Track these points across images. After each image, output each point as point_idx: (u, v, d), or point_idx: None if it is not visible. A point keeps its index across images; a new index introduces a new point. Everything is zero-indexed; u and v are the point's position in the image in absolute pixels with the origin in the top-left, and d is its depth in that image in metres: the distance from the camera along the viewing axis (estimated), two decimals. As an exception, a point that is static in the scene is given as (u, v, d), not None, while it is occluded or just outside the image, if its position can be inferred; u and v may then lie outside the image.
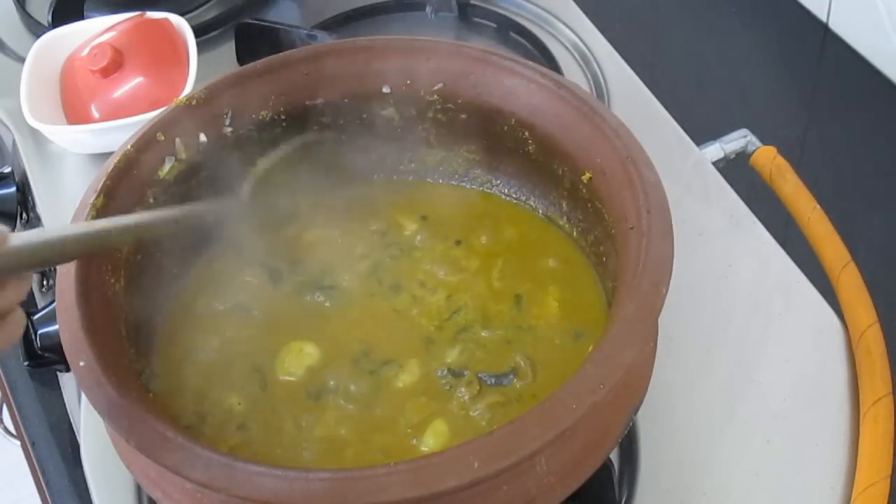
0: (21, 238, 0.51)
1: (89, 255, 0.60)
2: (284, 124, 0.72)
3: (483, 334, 0.66)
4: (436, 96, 0.71)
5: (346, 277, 0.70)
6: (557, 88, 0.67)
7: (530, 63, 0.69)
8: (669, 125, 0.90)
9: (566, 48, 0.98)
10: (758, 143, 0.89)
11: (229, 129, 0.71)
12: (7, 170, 0.97)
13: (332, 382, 0.64)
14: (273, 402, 0.64)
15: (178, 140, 0.69)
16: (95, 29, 0.95)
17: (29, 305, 0.90)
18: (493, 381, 0.64)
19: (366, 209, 0.74)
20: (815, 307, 0.76)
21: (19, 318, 0.53)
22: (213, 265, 0.72)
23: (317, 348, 0.66)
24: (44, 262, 0.55)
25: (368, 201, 0.74)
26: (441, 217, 0.74)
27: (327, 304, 0.69)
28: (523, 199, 0.73)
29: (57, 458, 0.82)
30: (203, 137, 0.70)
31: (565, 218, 0.71)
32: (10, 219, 0.95)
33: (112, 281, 0.63)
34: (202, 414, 0.63)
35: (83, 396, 0.74)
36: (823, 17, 1.01)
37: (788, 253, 0.80)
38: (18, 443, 0.91)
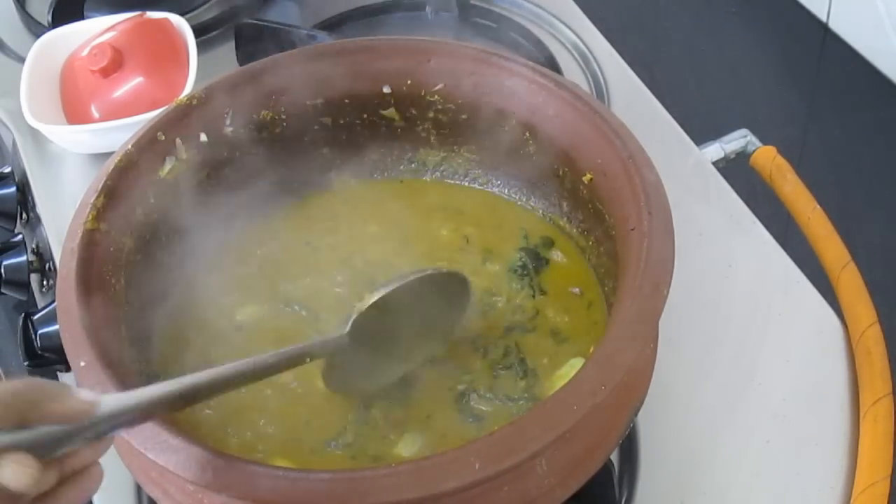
0: (114, 402, 0.49)
1: (175, 411, 0.54)
2: (285, 124, 0.72)
3: None
4: (436, 96, 0.71)
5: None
6: (558, 88, 0.67)
7: (530, 63, 0.69)
8: (669, 125, 0.90)
9: (566, 48, 0.98)
10: (758, 143, 0.89)
11: (229, 129, 0.71)
12: (7, 170, 0.97)
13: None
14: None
15: (178, 140, 0.69)
16: (95, 29, 0.95)
17: (29, 305, 0.90)
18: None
19: None
20: (815, 307, 0.76)
21: (98, 474, 0.50)
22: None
23: None
24: (131, 423, 0.51)
25: None
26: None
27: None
28: (524, 199, 0.73)
29: (57, 458, 0.82)
30: (203, 137, 0.70)
31: (566, 219, 0.71)
32: (10, 219, 0.95)
33: (112, 281, 0.63)
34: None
35: (83, 396, 0.74)
36: (823, 17, 1.01)
37: (788, 253, 0.80)
38: (18, 443, 0.90)
